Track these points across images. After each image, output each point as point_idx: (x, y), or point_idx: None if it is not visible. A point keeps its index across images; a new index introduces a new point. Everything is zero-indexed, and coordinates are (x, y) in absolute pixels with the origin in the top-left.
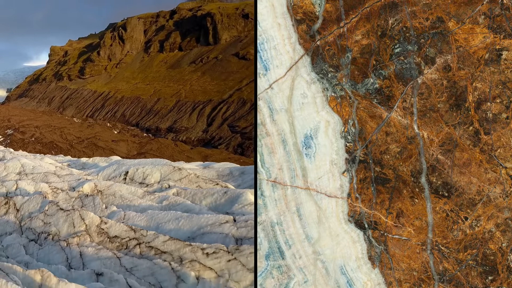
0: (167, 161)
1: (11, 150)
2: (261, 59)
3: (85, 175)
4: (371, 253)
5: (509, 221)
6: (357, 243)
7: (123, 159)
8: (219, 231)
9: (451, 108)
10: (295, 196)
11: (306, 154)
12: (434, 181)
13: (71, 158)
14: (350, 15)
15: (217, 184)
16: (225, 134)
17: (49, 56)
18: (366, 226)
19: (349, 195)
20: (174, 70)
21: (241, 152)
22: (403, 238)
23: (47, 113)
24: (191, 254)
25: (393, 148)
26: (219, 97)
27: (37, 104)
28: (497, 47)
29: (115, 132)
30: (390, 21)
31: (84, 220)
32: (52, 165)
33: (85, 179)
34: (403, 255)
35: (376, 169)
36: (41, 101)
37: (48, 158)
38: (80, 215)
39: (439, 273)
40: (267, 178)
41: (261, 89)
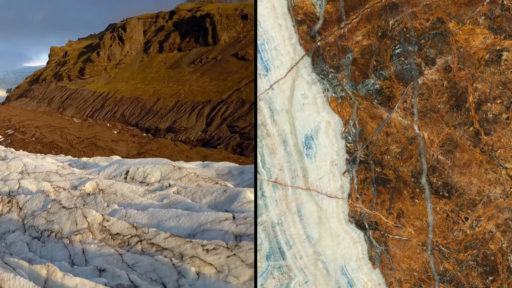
0: (167, 161)
1: (12, 150)
2: (262, 59)
3: (86, 174)
4: (371, 253)
5: (510, 222)
6: (358, 244)
7: (124, 159)
8: (219, 228)
9: (452, 108)
10: (296, 196)
11: (306, 154)
12: (434, 181)
13: (72, 157)
14: (350, 16)
15: (217, 183)
16: (224, 134)
17: (49, 56)
18: (366, 226)
19: (349, 195)
20: (173, 70)
21: (240, 152)
22: (404, 238)
23: (47, 113)
24: (191, 250)
25: (394, 148)
26: (218, 97)
27: (37, 104)
28: (498, 48)
29: (115, 132)
30: (390, 22)
31: (86, 218)
32: (53, 165)
33: (87, 178)
34: (403, 256)
35: (376, 169)
36: (41, 101)
37: (49, 157)
38: (82, 213)
39: (439, 273)
40: (268, 178)
41: (261, 90)
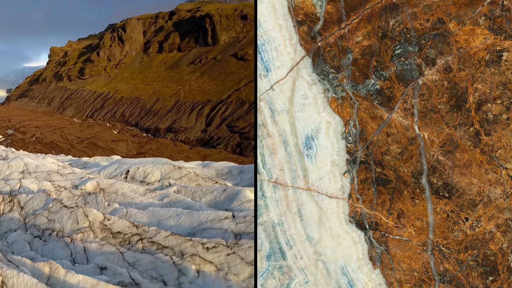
0: (167, 160)
1: (13, 149)
2: (262, 60)
3: (87, 174)
4: (372, 253)
5: (510, 222)
6: (358, 244)
7: (124, 158)
8: (219, 227)
9: (452, 109)
10: (296, 196)
11: (307, 155)
12: (434, 182)
13: (72, 157)
14: (351, 17)
15: (216, 182)
16: (224, 134)
17: (49, 56)
18: (367, 226)
19: (350, 195)
20: (173, 70)
21: (240, 152)
22: (404, 238)
23: (47, 113)
24: (191, 248)
25: (394, 149)
26: (217, 98)
27: (37, 104)
28: (498, 48)
29: (115, 132)
30: (391, 23)
31: (87, 216)
32: (54, 164)
33: (88, 178)
34: (404, 256)
35: (377, 170)
36: (41, 102)
37: (50, 157)
38: (83, 212)
39: (439, 273)
40: (268, 179)
41: (262, 90)
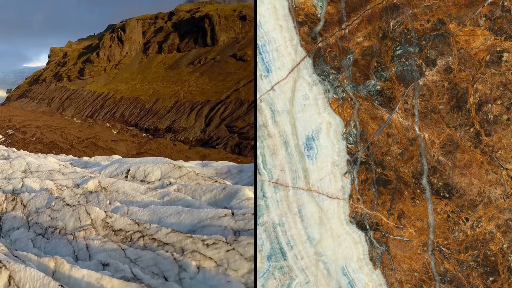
0: (168, 160)
1: (14, 149)
2: (263, 61)
3: (88, 173)
4: (372, 254)
5: (510, 222)
6: (359, 244)
7: (125, 158)
8: (218, 224)
9: (452, 109)
10: (297, 197)
11: (307, 155)
12: (435, 182)
13: (73, 157)
14: (351, 17)
15: (216, 181)
16: (223, 134)
17: (48, 57)
18: (367, 227)
19: (350, 196)
20: (172, 71)
21: (239, 152)
22: (405, 239)
23: (47, 114)
24: (192, 245)
25: (395, 149)
26: (217, 98)
27: (37, 104)
28: (498, 49)
29: (115, 132)
30: (391, 23)
31: (90, 214)
32: (56, 164)
33: (89, 177)
34: (404, 256)
35: (377, 170)
36: (41, 102)
37: (51, 157)
38: (86, 210)
39: (440, 274)
40: (269, 179)
41: (263, 91)
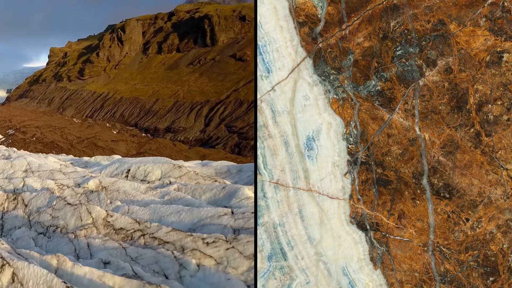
0: (168, 159)
1: (15, 149)
2: (264, 61)
3: (89, 173)
4: (373, 254)
5: (510, 223)
6: (359, 244)
7: (125, 158)
8: (218, 223)
9: (453, 110)
10: (297, 197)
11: (308, 155)
12: (435, 182)
13: (74, 157)
14: (352, 18)
15: (215, 181)
16: (223, 134)
17: (48, 57)
18: (368, 227)
19: (351, 196)
20: (172, 71)
21: (238, 152)
22: (405, 239)
23: (48, 114)
24: (192, 243)
25: (395, 150)
26: (216, 98)
27: (37, 104)
28: (498, 50)
29: (114, 132)
30: (391, 24)
31: (91, 213)
32: (56, 163)
33: (90, 176)
34: (404, 256)
35: (377, 170)
36: (41, 102)
37: (51, 157)
38: (87, 209)
39: (440, 274)
40: (269, 179)
41: (263, 91)
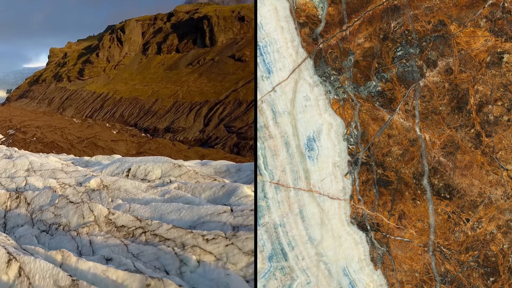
0: (168, 159)
1: (16, 149)
2: (264, 62)
3: (90, 172)
4: (373, 254)
5: (511, 223)
6: (360, 245)
7: (125, 157)
8: (218, 220)
9: (453, 110)
10: (298, 198)
11: (309, 156)
12: (436, 183)
13: (74, 156)
14: (352, 19)
15: (215, 180)
16: (222, 134)
17: (48, 57)
18: (368, 227)
19: (351, 197)
20: (171, 71)
21: (237, 151)
22: (405, 239)
23: (48, 114)
24: (192, 240)
25: (395, 150)
26: (215, 98)
27: (37, 104)
28: (499, 50)
29: (114, 132)
30: (392, 24)
31: (93, 211)
32: (58, 163)
33: (91, 175)
34: (405, 257)
35: (378, 171)
36: (41, 102)
37: (52, 156)
38: (89, 207)
39: (441, 274)
40: (270, 180)
41: (264, 92)
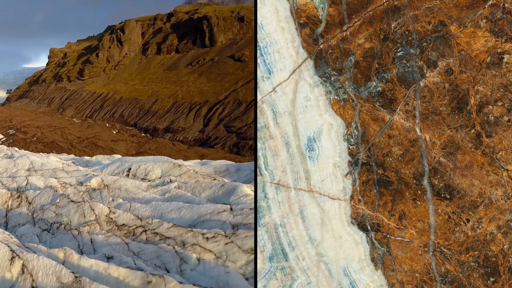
0: (168, 158)
1: (16, 149)
2: (265, 62)
3: (91, 171)
4: (373, 254)
5: (511, 223)
6: (360, 245)
7: (126, 157)
8: (217, 219)
9: (453, 111)
10: (299, 198)
11: (309, 156)
12: (436, 183)
13: (75, 156)
14: (353, 19)
15: (215, 179)
16: (221, 134)
17: (48, 58)
18: (368, 228)
19: (352, 197)
20: (171, 71)
21: (237, 151)
22: (406, 240)
23: (48, 114)
24: (192, 238)
25: (396, 150)
26: (215, 98)
27: (37, 105)
28: (499, 51)
29: (114, 132)
30: (392, 25)
31: (94, 210)
32: (59, 162)
33: (92, 175)
34: (405, 257)
35: (378, 171)
36: (41, 102)
37: (53, 156)
38: (90, 206)
39: (441, 274)
40: (270, 180)
41: (264, 92)
